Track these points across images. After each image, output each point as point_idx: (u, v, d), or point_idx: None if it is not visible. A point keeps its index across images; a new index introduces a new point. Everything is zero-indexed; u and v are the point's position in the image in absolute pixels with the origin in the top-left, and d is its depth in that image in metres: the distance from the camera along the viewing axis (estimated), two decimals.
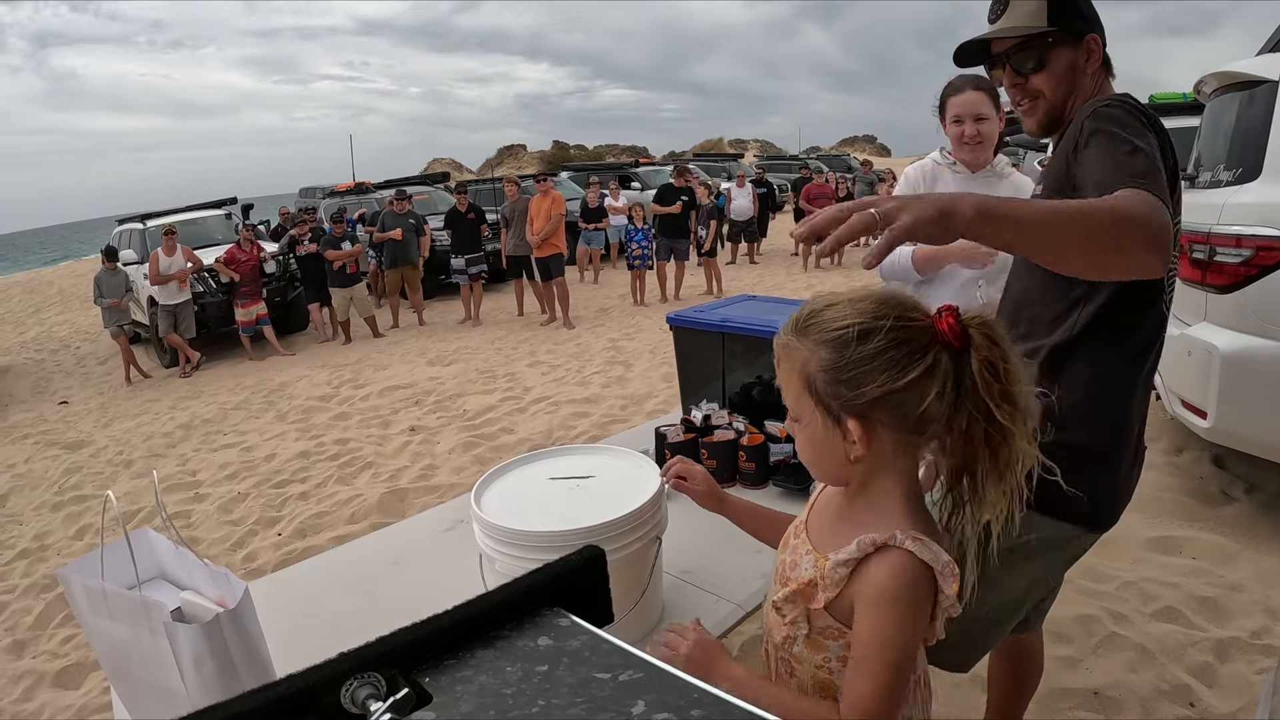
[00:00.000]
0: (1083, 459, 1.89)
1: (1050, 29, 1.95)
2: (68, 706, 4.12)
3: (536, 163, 66.21)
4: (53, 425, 10.27)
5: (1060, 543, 2.04)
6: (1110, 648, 3.41)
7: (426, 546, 2.49)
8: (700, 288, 13.99)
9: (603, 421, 7.28)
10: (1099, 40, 1.98)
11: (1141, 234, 1.46)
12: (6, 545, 6.43)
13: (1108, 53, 2.01)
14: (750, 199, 16.99)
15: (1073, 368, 1.95)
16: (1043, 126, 2.05)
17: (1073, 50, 1.97)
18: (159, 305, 12.23)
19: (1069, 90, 1.99)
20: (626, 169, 23.94)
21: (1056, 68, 1.98)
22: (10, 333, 19.50)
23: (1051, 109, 2.02)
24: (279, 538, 5.63)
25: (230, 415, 9.30)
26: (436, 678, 0.66)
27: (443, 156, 77.40)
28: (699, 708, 0.61)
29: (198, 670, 1.29)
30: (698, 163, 29.53)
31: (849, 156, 39.61)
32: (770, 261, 17.72)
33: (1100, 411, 1.96)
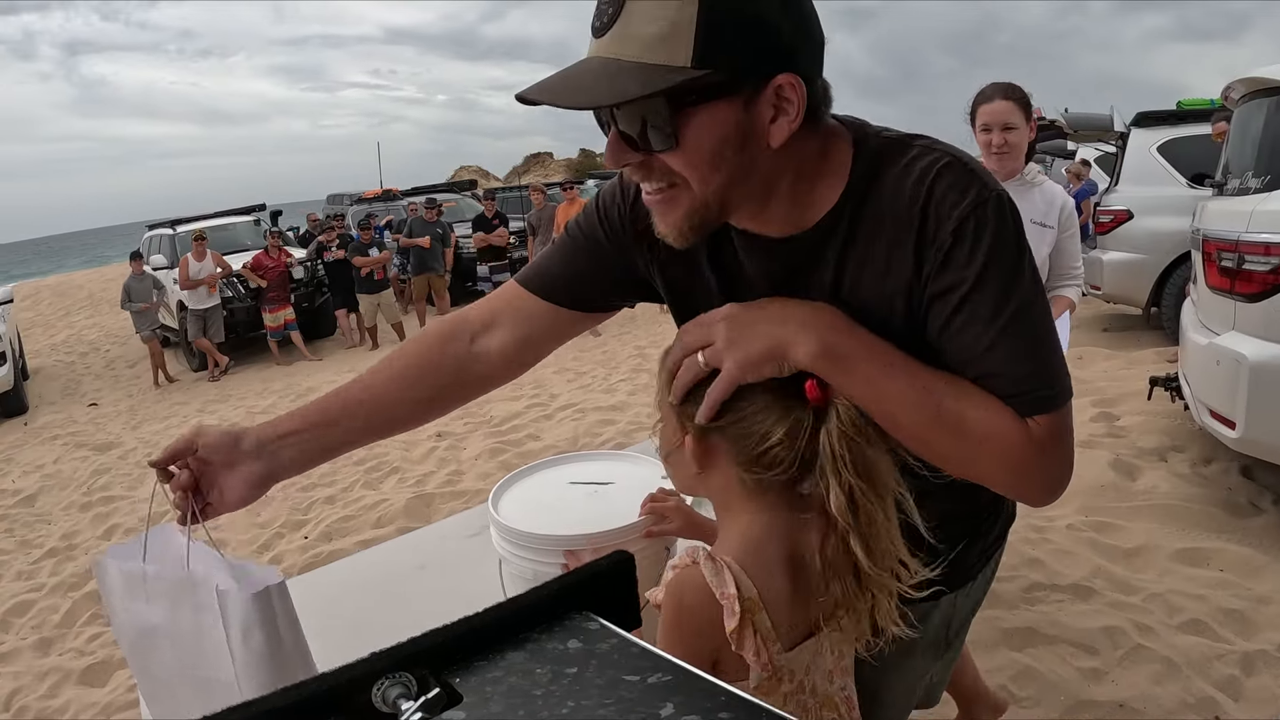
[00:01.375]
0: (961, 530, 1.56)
1: (691, 73, 1.04)
2: (93, 704, 4.16)
3: (563, 170, 66.26)
4: (82, 427, 10.37)
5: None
6: (1135, 660, 3.38)
7: (452, 551, 2.50)
8: None
9: (628, 429, 7.28)
10: (799, 81, 1.10)
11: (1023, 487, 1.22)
12: (35, 544, 6.51)
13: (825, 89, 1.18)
14: None
15: None
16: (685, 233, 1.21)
17: (738, 108, 1.10)
18: (188, 310, 12.35)
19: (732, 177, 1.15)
20: None
21: (704, 142, 1.11)
22: (40, 335, 19.72)
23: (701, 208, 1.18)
24: (305, 541, 5.67)
25: (258, 419, 9.28)
26: (467, 678, 0.66)
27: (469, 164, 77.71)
28: (727, 710, 0.61)
29: (246, 643, 1.29)
30: None
31: None
32: None
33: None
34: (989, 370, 1.15)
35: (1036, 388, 1.15)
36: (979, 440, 1.15)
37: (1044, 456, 1.16)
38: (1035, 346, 1.16)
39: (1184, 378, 4.94)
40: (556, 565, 1.68)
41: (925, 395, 1.15)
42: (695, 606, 1.23)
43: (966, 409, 1.15)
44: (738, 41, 1.05)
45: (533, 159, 76.23)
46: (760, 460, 1.23)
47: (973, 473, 1.20)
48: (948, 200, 1.15)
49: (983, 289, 1.14)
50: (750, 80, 1.09)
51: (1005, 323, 1.13)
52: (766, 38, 1.08)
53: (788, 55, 1.10)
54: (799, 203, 1.24)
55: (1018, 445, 1.14)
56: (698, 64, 1.04)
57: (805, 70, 1.11)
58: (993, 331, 1.14)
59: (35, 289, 32.47)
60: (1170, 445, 5.30)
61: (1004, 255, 1.14)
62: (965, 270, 1.14)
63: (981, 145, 3.31)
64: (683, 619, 1.24)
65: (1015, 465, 1.16)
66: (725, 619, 1.22)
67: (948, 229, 1.14)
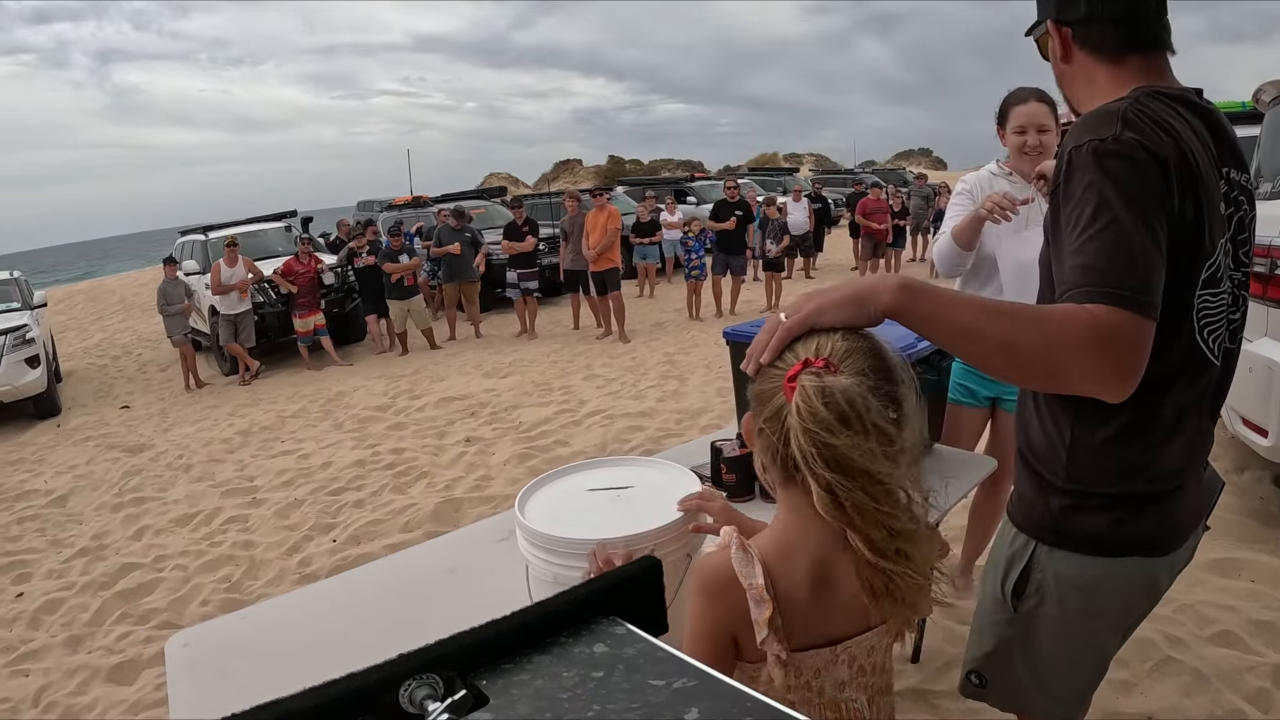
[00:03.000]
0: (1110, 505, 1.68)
1: (1035, 21, 1.81)
2: (121, 702, 4.19)
3: (592, 177, 66.41)
4: (114, 429, 10.46)
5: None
6: (1165, 672, 3.35)
7: (480, 556, 2.51)
8: (757, 303, 13.95)
9: (657, 435, 7.28)
10: (1057, 25, 1.73)
11: (1085, 368, 1.38)
12: (66, 543, 6.57)
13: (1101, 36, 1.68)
14: (806, 213, 16.95)
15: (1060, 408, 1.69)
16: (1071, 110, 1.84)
17: (1048, 39, 1.78)
18: (220, 314, 12.42)
19: (1058, 78, 1.82)
20: (682, 183, 23.97)
21: (1051, 59, 1.81)
22: (74, 339, 19.90)
23: (1065, 96, 1.84)
24: (334, 544, 5.70)
25: (288, 423, 9.42)
26: (494, 680, 0.67)
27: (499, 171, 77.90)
28: (751, 715, 0.62)
29: None
30: (753, 177, 29.49)
31: (904, 170, 39.38)
32: (827, 276, 17.63)
33: (1115, 459, 1.64)
34: (1067, 262, 1.45)
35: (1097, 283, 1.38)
36: (1057, 323, 1.37)
37: (1113, 339, 1.36)
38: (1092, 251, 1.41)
39: None
40: (580, 570, 1.68)
41: (997, 309, 1.40)
42: (717, 589, 1.32)
43: (1037, 309, 1.42)
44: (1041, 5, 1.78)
45: (562, 165, 76.44)
46: (765, 447, 1.32)
47: (1053, 365, 1.38)
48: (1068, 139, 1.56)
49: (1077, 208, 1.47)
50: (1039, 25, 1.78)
51: (1079, 231, 1.44)
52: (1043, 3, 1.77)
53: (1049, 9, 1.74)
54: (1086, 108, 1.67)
55: (1087, 324, 1.35)
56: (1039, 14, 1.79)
57: (1061, 17, 1.71)
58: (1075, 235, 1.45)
59: (68, 293, 32.80)
60: None
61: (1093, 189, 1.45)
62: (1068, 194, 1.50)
63: (1014, 147, 3.30)
64: (704, 596, 1.35)
65: (1088, 344, 1.35)
66: (754, 606, 1.29)
67: (1062, 159, 1.54)
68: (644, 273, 16.06)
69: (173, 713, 1.92)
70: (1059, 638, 1.80)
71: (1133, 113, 1.50)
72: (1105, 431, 1.62)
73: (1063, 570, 1.72)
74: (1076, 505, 1.68)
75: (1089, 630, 1.80)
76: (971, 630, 2.00)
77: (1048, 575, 1.74)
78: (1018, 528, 1.80)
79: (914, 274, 10.83)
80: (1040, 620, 1.78)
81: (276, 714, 0.59)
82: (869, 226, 15.71)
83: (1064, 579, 1.72)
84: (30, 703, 4.33)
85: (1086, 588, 1.72)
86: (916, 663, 3.51)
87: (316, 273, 12.87)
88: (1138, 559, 1.70)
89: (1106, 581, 1.71)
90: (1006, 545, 1.82)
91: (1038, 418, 1.73)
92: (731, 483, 2.69)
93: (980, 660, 1.94)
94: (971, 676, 1.98)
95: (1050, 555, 1.73)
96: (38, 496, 7.98)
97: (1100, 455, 1.64)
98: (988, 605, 1.90)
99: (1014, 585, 1.78)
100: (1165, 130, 1.50)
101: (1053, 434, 1.69)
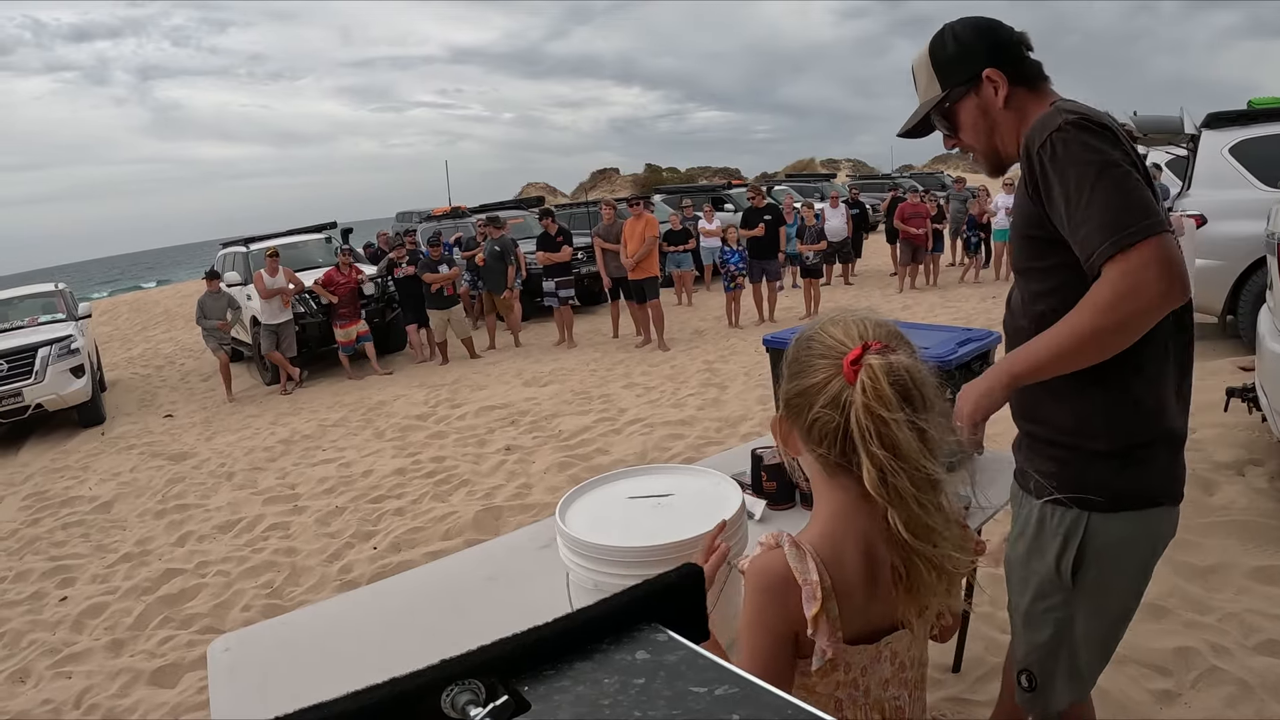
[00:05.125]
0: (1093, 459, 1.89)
1: (942, 94, 2.00)
2: (162, 704, 4.24)
3: (630, 186, 66.52)
4: (157, 437, 10.59)
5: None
6: (1210, 682, 3.29)
7: (521, 563, 2.51)
8: (797, 310, 13.91)
9: (697, 443, 7.27)
10: (998, 71, 1.94)
11: (1152, 307, 1.64)
12: (110, 549, 6.66)
13: (1026, 65, 1.97)
14: (844, 219, 16.88)
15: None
16: (992, 170, 2.07)
17: (974, 97, 1.98)
18: (261, 324, 12.54)
19: (989, 131, 1.99)
20: (719, 191, 23.96)
21: (967, 121, 2.01)
22: (118, 349, 20.20)
23: (988, 155, 2.03)
24: (374, 551, 5.73)
25: (329, 432, 9.50)
26: (535, 687, 0.66)
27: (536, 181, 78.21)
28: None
29: None
30: (790, 183, 29.44)
31: (942, 174, 39.11)
32: (865, 282, 17.58)
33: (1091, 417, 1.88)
34: (1078, 237, 1.69)
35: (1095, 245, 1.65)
36: (1112, 298, 1.63)
37: (1156, 269, 1.59)
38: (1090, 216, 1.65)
39: (1261, 388, 4.77)
40: (620, 577, 1.68)
41: (1060, 343, 1.73)
42: (776, 587, 1.35)
43: (1084, 304, 1.69)
44: (954, 68, 1.98)
45: (599, 175, 76.60)
46: (812, 433, 1.35)
47: (1130, 324, 1.66)
48: (1033, 136, 1.77)
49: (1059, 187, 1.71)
50: (968, 84, 1.97)
51: (1073, 207, 1.68)
52: (965, 56, 1.97)
53: (982, 55, 1.94)
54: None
55: (1127, 278, 1.61)
56: (944, 88, 2.00)
57: (998, 63, 1.93)
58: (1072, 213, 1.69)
59: (113, 304, 33.26)
60: (1248, 458, 5.18)
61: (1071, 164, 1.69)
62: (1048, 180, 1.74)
63: None
64: (764, 595, 1.37)
65: (1141, 289, 1.60)
66: (805, 602, 1.32)
67: (1034, 155, 1.76)
68: (682, 281, 16.04)
69: (214, 715, 1.93)
70: (1114, 603, 1.97)
71: (1065, 106, 1.78)
72: (1133, 385, 1.83)
73: (1117, 531, 1.87)
74: (1124, 462, 1.85)
75: (1135, 589, 1.98)
76: (1017, 627, 2.08)
77: (1105, 541, 1.87)
78: (1062, 505, 1.90)
79: (951, 278, 10.72)
80: (1098, 590, 1.92)
81: (318, 718, 0.59)
82: (907, 232, 15.60)
83: (1122, 540, 1.88)
84: (72, 704, 4.39)
85: (1139, 542, 1.90)
86: (957, 672, 3.48)
87: (357, 283, 12.96)
88: (1167, 507, 1.91)
89: (1150, 532, 1.91)
90: (1054, 526, 1.92)
91: (1058, 397, 1.89)
92: (772, 490, 2.68)
93: (1035, 653, 2.02)
94: (1022, 678, 2.05)
95: (1105, 521, 1.86)
96: (82, 503, 8.11)
97: (1133, 410, 1.84)
98: (1034, 593, 1.99)
99: (1073, 561, 1.89)
100: (1095, 113, 1.75)
101: (1080, 406, 1.87)
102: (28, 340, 11.99)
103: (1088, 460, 1.87)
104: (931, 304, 13.70)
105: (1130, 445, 1.85)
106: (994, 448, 2.65)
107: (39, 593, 6.00)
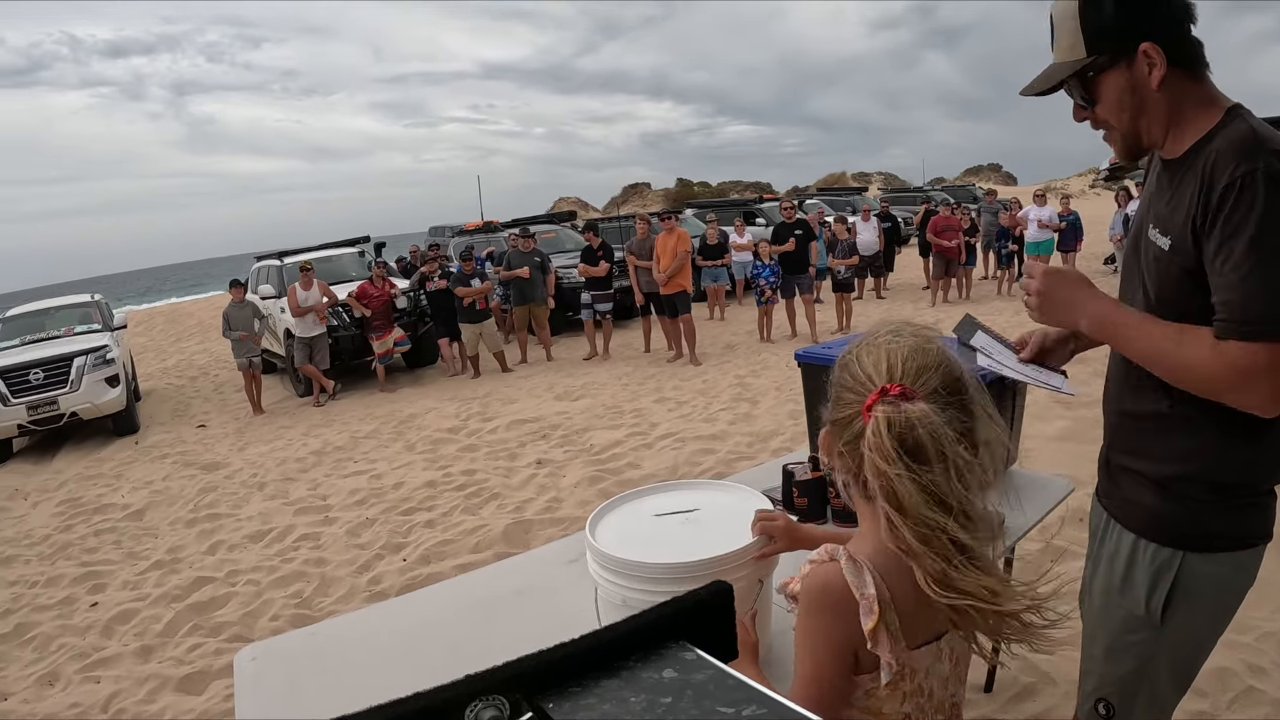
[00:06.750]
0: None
1: (1086, 59, 1.76)
2: (189, 710, 4.27)
3: (661, 200, 66.55)
4: (190, 447, 10.69)
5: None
6: (1247, 702, 3.25)
7: (550, 577, 2.51)
8: (829, 324, 13.87)
9: (729, 458, 7.25)
10: (1157, 47, 1.68)
11: (1233, 398, 1.63)
12: (141, 556, 6.73)
13: (1188, 44, 1.71)
14: (875, 233, 16.84)
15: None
16: (1125, 154, 1.88)
17: (1123, 72, 1.73)
18: (295, 337, 12.63)
19: (1135, 112, 1.76)
20: (750, 205, 23.94)
21: (1109, 97, 1.78)
22: (152, 359, 20.43)
23: (1125, 138, 1.82)
24: (404, 563, 5.75)
25: (361, 444, 9.55)
26: (560, 704, 0.66)
27: (568, 195, 78.31)
28: None
29: None
30: (821, 197, 29.38)
31: (974, 186, 38.92)
32: (898, 296, 17.52)
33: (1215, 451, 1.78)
34: (1231, 290, 1.58)
35: (1236, 316, 1.58)
36: (1227, 362, 1.59)
37: (1239, 376, 1.59)
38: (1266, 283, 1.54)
39: None
40: (648, 593, 1.68)
41: (1156, 347, 1.72)
42: (836, 604, 1.34)
43: (1206, 339, 1.63)
44: (1108, 34, 1.72)
45: (631, 189, 76.66)
46: (843, 460, 1.37)
47: (1218, 388, 1.64)
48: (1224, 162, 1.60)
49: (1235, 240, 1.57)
50: (1121, 55, 1.72)
51: (1256, 263, 1.55)
52: (1126, 24, 1.70)
53: (1146, 28, 1.69)
54: (1169, 132, 1.76)
55: (1253, 361, 1.57)
56: (1089, 53, 1.75)
57: (1160, 38, 1.68)
58: (1232, 271, 1.58)
59: (148, 315, 33.62)
60: None
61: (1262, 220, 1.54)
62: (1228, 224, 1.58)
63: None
64: (824, 613, 1.36)
65: (1255, 378, 1.57)
66: (863, 616, 1.31)
67: (1219, 186, 1.59)
68: (714, 295, 16.03)
69: (240, 713, 1.95)
70: (1202, 642, 1.91)
71: (1267, 135, 1.61)
72: (1254, 439, 1.73)
73: (1214, 573, 1.81)
74: (1225, 508, 1.78)
75: (1221, 626, 1.91)
76: (1095, 657, 2.02)
77: (1199, 581, 1.81)
78: (1156, 542, 1.85)
79: (984, 291, 10.68)
80: (1188, 628, 1.86)
81: None
82: (940, 245, 15.53)
83: (1216, 581, 1.82)
84: (100, 708, 4.43)
85: (1232, 582, 1.84)
86: (989, 692, 3.45)
87: (390, 297, 13.04)
88: (1258, 549, 1.83)
89: (1244, 574, 1.84)
90: (1147, 563, 1.86)
91: (1174, 433, 1.81)
92: (803, 506, 2.67)
93: (1114, 684, 1.97)
94: (1099, 706, 2.00)
95: (1202, 561, 1.80)
96: (115, 510, 8.20)
97: (1247, 460, 1.75)
98: (1119, 626, 1.94)
99: (1164, 598, 1.84)
100: None
101: (1191, 446, 1.78)
102: (64, 350, 12.23)
103: (1193, 501, 1.80)
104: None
105: (1242, 490, 1.78)
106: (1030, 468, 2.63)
107: (70, 598, 6.07)
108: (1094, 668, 2.02)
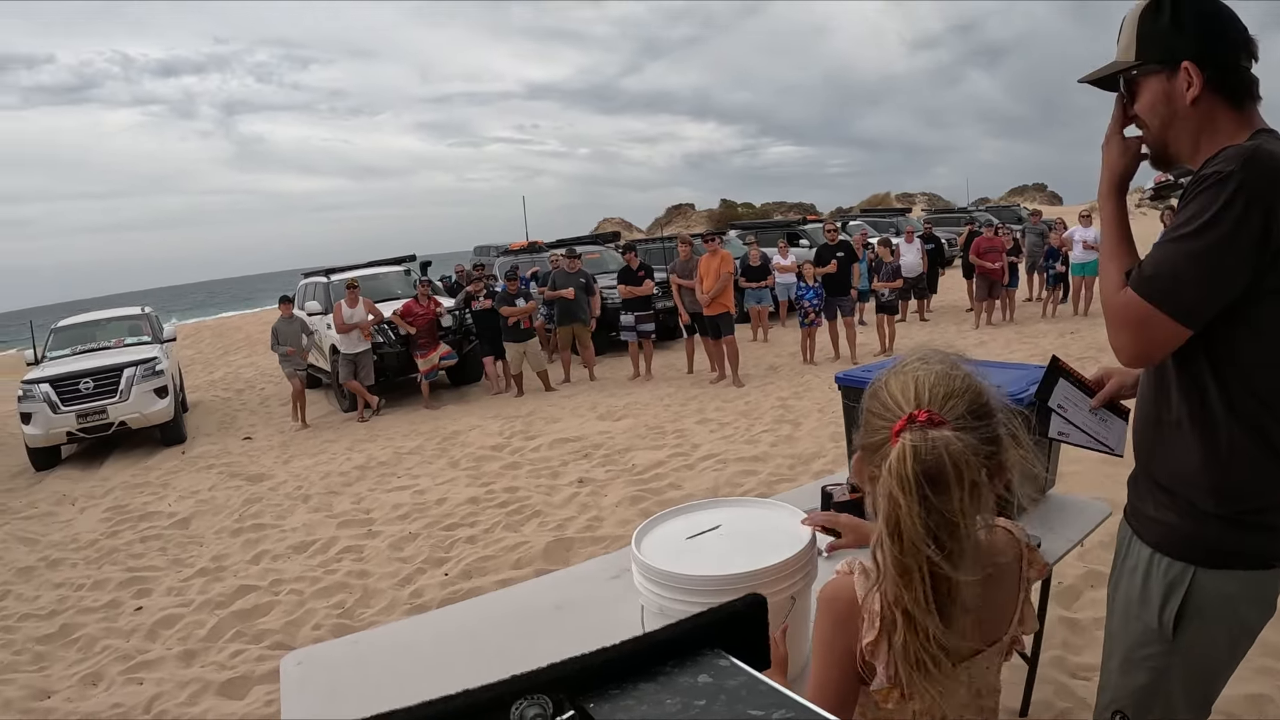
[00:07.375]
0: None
1: (1132, 64, 1.87)
2: (230, 715, 4.33)
3: (704, 221, 66.48)
4: (236, 458, 10.82)
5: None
6: None
7: (590, 593, 2.53)
8: (870, 346, 13.79)
9: (770, 480, 7.25)
10: (1197, 68, 1.76)
11: (1112, 339, 1.80)
12: (186, 563, 6.83)
13: (1234, 75, 1.78)
14: (919, 255, 16.75)
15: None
16: (1154, 161, 1.96)
17: (1164, 81, 1.82)
18: (340, 353, 12.75)
19: (1166, 121, 1.85)
20: (794, 226, 23.91)
21: (1146, 100, 1.88)
22: (200, 372, 20.72)
23: (1155, 144, 1.91)
24: (445, 577, 5.79)
25: (404, 459, 9.62)
26: (600, 705, 0.69)
27: (612, 216, 78.40)
28: None
29: None
30: (865, 218, 29.28)
31: (1018, 206, 38.59)
32: (941, 319, 17.40)
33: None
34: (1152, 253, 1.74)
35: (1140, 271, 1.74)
36: (1120, 298, 1.77)
37: (1122, 312, 1.76)
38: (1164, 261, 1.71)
39: None
40: (688, 604, 1.72)
41: (1111, 251, 1.89)
42: (841, 614, 1.42)
43: (1108, 271, 1.85)
44: (1158, 43, 1.81)
45: (674, 210, 76.63)
46: (876, 477, 1.37)
47: (1105, 312, 1.84)
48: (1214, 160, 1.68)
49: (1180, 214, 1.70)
50: (1164, 65, 1.81)
51: (1169, 234, 1.70)
52: (1178, 38, 1.78)
53: (1197, 46, 1.76)
54: (1199, 151, 1.81)
55: (1109, 297, 1.81)
56: (1137, 58, 1.86)
57: (1204, 61, 1.76)
58: (1162, 236, 1.75)
59: (196, 329, 34.04)
60: None
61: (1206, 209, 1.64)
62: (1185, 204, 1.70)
63: None
64: (831, 622, 1.43)
65: (1108, 313, 1.81)
66: (865, 630, 1.37)
67: (1199, 175, 1.70)
68: (757, 316, 16.00)
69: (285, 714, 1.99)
70: (1217, 661, 1.90)
71: (1260, 157, 1.64)
72: (1270, 455, 1.74)
73: (1226, 590, 1.81)
74: (1237, 523, 1.78)
75: (1241, 646, 1.91)
76: (1112, 670, 2.02)
77: (1210, 597, 1.81)
78: (1169, 556, 1.85)
79: (1028, 313, 10.54)
80: (1201, 643, 1.85)
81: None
82: (983, 266, 15.39)
83: (1228, 599, 1.82)
84: (142, 709, 4.50)
85: (1244, 601, 1.83)
86: (1025, 716, 3.43)
87: (435, 315, 13.13)
88: (1275, 570, 1.82)
89: (1259, 595, 1.84)
90: (1160, 576, 1.87)
91: (1186, 446, 1.81)
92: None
93: (1129, 697, 1.97)
94: (1115, 718, 1.99)
95: (1212, 577, 1.80)
96: (161, 518, 8.34)
97: (1260, 476, 1.75)
98: (1135, 639, 1.94)
99: (1175, 613, 1.84)
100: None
101: (1208, 459, 1.78)
102: (114, 360, 12.50)
103: (1204, 515, 1.80)
104: (1008, 339, 13.52)
105: (1255, 508, 1.78)
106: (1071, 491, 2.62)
107: (115, 601, 6.18)
108: (1110, 680, 2.03)
